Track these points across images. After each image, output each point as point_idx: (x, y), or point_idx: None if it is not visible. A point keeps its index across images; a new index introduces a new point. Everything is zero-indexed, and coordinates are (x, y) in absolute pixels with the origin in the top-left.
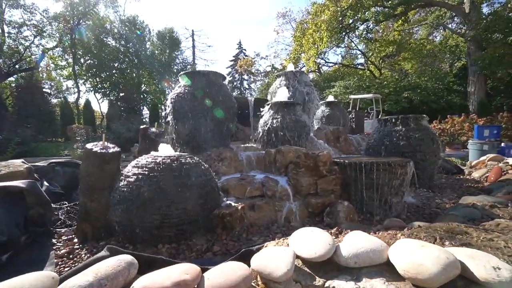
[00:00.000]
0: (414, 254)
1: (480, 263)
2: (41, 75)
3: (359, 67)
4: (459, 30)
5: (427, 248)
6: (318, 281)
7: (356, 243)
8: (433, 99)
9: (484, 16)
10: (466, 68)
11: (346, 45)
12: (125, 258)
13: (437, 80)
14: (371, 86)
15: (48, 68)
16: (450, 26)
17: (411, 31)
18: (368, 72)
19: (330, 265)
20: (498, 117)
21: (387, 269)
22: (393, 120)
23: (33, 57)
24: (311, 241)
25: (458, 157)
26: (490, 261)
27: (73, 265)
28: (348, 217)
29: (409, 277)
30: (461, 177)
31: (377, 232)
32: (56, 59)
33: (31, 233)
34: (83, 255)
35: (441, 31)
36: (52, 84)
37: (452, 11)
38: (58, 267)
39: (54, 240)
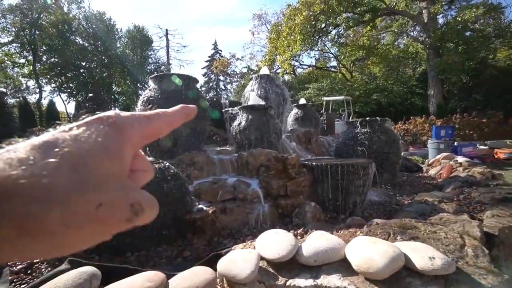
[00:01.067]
0: (366, 250)
1: (420, 254)
2: None
3: (332, 69)
4: (419, 38)
5: (378, 244)
6: (281, 280)
7: (316, 242)
8: (399, 101)
9: (439, 26)
10: (426, 73)
11: (319, 48)
12: (87, 270)
13: (402, 84)
14: (343, 89)
15: (2, 65)
16: (412, 33)
17: (378, 37)
18: (340, 75)
19: (293, 265)
20: (452, 118)
21: (344, 266)
22: (360, 123)
23: None
24: (275, 243)
25: (420, 155)
26: (428, 252)
27: (31, 281)
28: (315, 217)
29: (361, 272)
30: (420, 174)
31: (339, 231)
32: (13, 56)
33: None
34: (43, 270)
35: (405, 37)
36: (8, 82)
37: (413, 20)
38: (13, 284)
39: None
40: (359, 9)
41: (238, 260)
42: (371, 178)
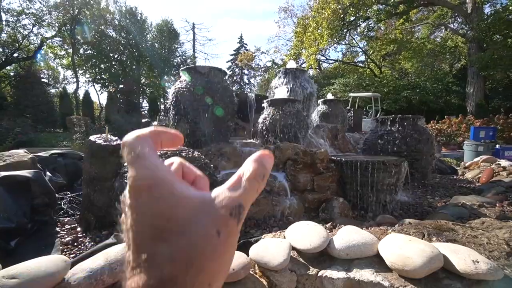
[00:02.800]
0: (402, 247)
1: (461, 257)
2: (39, 64)
3: (360, 65)
4: (460, 30)
5: (414, 242)
6: (312, 270)
7: (349, 236)
8: (432, 99)
9: (485, 17)
10: (465, 69)
11: (347, 42)
12: None
13: (437, 80)
14: (371, 85)
15: (46, 57)
16: (452, 26)
17: (412, 30)
18: (368, 70)
19: (324, 257)
20: (494, 119)
21: (376, 261)
22: (390, 120)
23: (31, 46)
24: (306, 234)
25: (454, 158)
26: (470, 255)
27: (78, 252)
28: (342, 212)
29: (396, 269)
30: (455, 177)
31: (369, 228)
32: (55, 49)
33: (36, 222)
34: (86, 243)
35: (443, 30)
36: (50, 73)
37: (454, 10)
38: (63, 253)
39: (57, 229)
40: (392, 0)
41: (270, 248)
42: (403, 177)
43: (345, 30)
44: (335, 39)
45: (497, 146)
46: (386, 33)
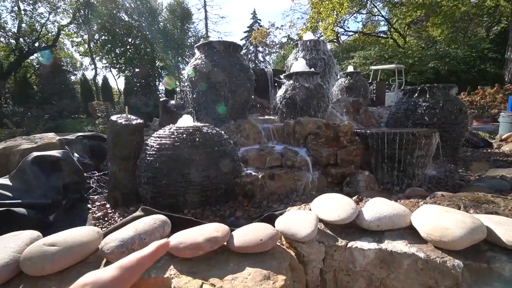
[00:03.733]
0: (438, 218)
1: (507, 228)
2: (59, 53)
3: (382, 35)
4: None
5: (452, 213)
6: (341, 242)
7: (379, 208)
8: (463, 69)
9: None
10: (506, 32)
11: (368, 11)
12: (159, 217)
13: (470, 48)
14: (394, 56)
15: (62, 45)
16: None
17: None
18: (391, 40)
19: (352, 229)
20: None
21: (409, 233)
22: (419, 90)
23: (49, 34)
24: (333, 206)
25: (487, 131)
26: None
27: (109, 226)
28: (368, 186)
29: (431, 240)
30: (489, 151)
31: (398, 200)
32: (72, 36)
33: (69, 199)
34: (116, 218)
35: None
36: (68, 61)
37: None
38: (96, 227)
39: (89, 206)
40: None
41: (296, 220)
42: (433, 150)
43: None
44: (355, 7)
45: None
46: None
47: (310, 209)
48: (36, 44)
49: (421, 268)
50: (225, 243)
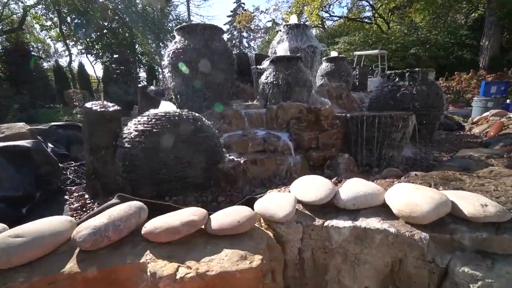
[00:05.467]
0: (409, 195)
1: (470, 202)
2: (27, 36)
3: (366, 21)
4: None
5: (422, 190)
6: (318, 221)
7: (355, 187)
8: (442, 55)
9: None
10: (482, 19)
11: None
12: (135, 203)
13: (449, 34)
14: (378, 42)
15: (31, 28)
16: None
17: None
18: (376, 26)
19: (329, 208)
20: (508, 72)
21: (383, 210)
22: (398, 74)
23: (14, 16)
24: (312, 187)
25: (461, 115)
26: (479, 199)
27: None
28: (348, 168)
29: (402, 216)
30: (461, 133)
31: (375, 181)
32: (40, 19)
33: (45, 190)
34: (95, 208)
35: None
36: (40, 47)
37: None
38: (73, 217)
39: (66, 197)
40: None
41: (275, 201)
42: (410, 132)
43: None
44: None
45: (507, 101)
46: None
47: (289, 191)
48: None
49: (391, 242)
50: (203, 227)
